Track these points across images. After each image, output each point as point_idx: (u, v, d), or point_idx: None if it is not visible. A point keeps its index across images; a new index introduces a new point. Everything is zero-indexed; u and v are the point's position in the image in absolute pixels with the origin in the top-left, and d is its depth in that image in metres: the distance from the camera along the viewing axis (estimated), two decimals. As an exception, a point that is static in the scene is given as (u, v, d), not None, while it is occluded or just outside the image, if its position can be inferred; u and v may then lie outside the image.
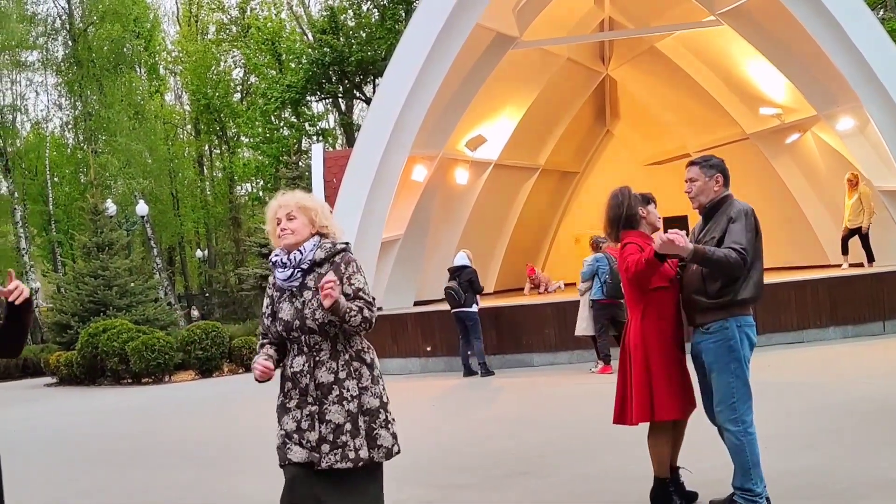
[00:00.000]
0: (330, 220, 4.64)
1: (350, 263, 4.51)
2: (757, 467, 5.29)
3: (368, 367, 4.48)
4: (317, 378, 4.37)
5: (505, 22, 19.41)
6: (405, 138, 17.76)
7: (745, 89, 21.09)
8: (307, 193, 4.72)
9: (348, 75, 40.24)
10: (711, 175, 5.56)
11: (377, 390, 4.47)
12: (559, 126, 25.23)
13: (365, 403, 4.40)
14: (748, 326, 5.36)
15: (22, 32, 42.37)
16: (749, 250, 5.21)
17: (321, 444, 4.29)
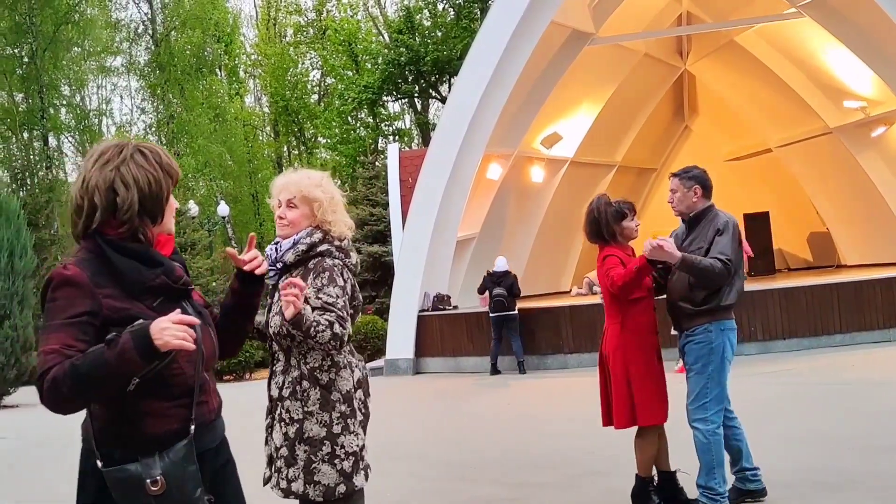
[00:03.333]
0: (337, 214, 4.03)
1: (325, 272, 3.85)
2: (721, 467, 5.44)
3: (323, 389, 3.84)
4: (270, 390, 3.98)
5: (580, 18, 19.29)
6: (480, 137, 17.77)
7: (828, 82, 20.61)
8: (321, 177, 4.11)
9: (424, 75, 40.36)
10: (690, 186, 5.73)
11: (325, 418, 3.83)
12: (636, 122, 24.99)
13: (306, 431, 3.83)
14: (730, 330, 5.52)
15: (106, 38, 43.45)
16: (734, 261, 5.39)
17: (271, 463, 3.96)
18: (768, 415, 9.21)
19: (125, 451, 2.56)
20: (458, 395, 14.10)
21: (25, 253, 19.82)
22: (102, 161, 2.66)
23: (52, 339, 2.47)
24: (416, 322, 17.63)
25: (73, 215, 2.70)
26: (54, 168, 41.33)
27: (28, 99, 39.89)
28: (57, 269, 2.56)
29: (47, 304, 2.53)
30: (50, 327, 2.49)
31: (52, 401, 2.44)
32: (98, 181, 2.63)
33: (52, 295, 2.53)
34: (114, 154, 2.67)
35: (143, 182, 2.65)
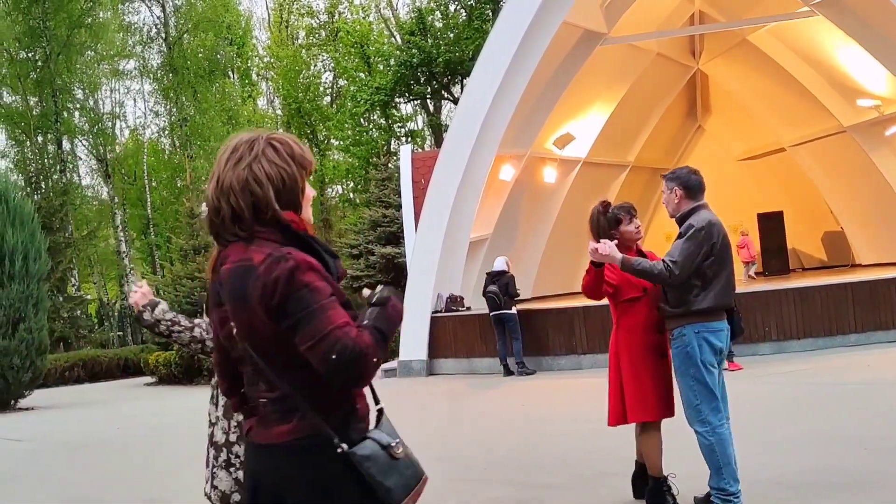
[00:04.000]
0: None
1: None
2: (728, 466, 5.43)
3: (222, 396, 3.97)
4: None
5: (592, 19, 19.26)
6: (492, 137, 17.75)
7: (841, 81, 20.53)
8: None
9: (436, 76, 40.36)
10: (671, 188, 5.73)
11: (225, 425, 4.05)
12: (649, 122, 24.95)
13: (214, 435, 4.06)
14: (709, 332, 5.50)
15: (119, 42, 43.64)
16: (680, 262, 5.39)
17: None
18: (783, 415, 9.17)
19: (356, 431, 2.58)
20: (472, 396, 14.10)
21: (40, 256, 19.89)
22: (235, 159, 2.63)
23: (335, 315, 2.47)
24: (430, 323, 17.62)
25: (210, 216, 2.67)
26: (68, 171, 41.51)
27: (42, 102, 40.07)
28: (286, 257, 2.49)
29: (302, 290, 2.46)
30: (323, 306, 2.46)
31: (371, 365, 2.47)
32: (232, 181, 2.60)
33: (304, 280, 2.47)
34: (245, 151, 2.63)
35: (277, 179, 2.61)
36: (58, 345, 30.04)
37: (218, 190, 2.62)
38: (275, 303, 2.47)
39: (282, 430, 2.54)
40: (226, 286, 2.60)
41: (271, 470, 2.57)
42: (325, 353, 2.42)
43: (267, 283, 2.47)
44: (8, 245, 19.21)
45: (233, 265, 2.58)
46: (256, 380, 2.63)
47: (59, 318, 29.33)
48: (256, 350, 2.56)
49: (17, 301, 19.08)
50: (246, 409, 2.73)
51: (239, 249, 2.60)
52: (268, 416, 2.59)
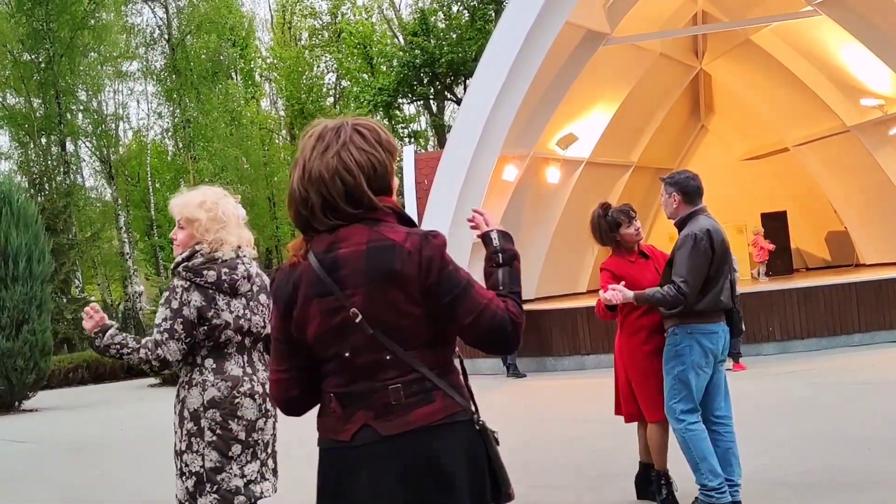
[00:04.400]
0: (222, 233, 4.13)
1: (166, 292, 4.05)
2: (705, 461, 5.48)
3: (181, 404, 4.03)
4: None
5: (595, 19, 19.24)
6: (495, 138, 17.74)
7: (845, 80, 20.50)
8: (212, 193, 4.21)
9: (439, 77, 40.40)
10: (669, 193, 5.77)
11: (180, 433, 4.02)
12: (652, 122, 24.93)
13: (175, 443, 4.05)
14: (702, 334, 5.53)
15: (122, 44, 43.70)
16: (690, 280, 5.42)
17: None
18: (787, 415, 9.17)
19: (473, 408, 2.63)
20: (475, 397, 14.07)
21: (43, 258, 19.91)
22: (322, 147, 2.57)
23: (481, 289, 2.54)
24: (433, 324, 17.59)
25: (297, 206, 2.59)
26: (72, 173, 41.57)
27: (45, 104, 40.13)
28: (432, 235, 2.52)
29: (450, 267, 2.51)
30: (470, 283, 2.52)
31: (521, 332, 2.58)
32: (321, 170, 2.54)
33: (449, 258, 2.52)
34: (332, 138, 2.57)
35: (367, 166, 2.56)
36: (61, 346, 30.06)
37: (305, 180, 2.56)
38: (431, 281, 2.47)
39: (426, 411, 2.49)
40: (355, 269, 2.50)
41: (417, 456, 2.47)
42: (488, 325, 2.49)
43: (422, 262, 2.46)
44: (12, 247, 19.22)
45: (362, 246, 2.51)
46: (376, 371, 2.51)
47: (63, 320, 29.33)
48: (390, 334, 2.49)
49: (20, 303, 19.09)
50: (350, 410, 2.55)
51: (359, 231, 2.53)
52: (401, 402, 2.49)
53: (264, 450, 4.16)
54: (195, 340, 3.97)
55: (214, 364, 3.99)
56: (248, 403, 4.04)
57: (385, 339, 2.48)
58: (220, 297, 4.02)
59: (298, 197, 2.58)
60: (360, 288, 2.49)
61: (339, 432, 2.56)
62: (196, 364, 3.99)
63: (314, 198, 2.53)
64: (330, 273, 2.51)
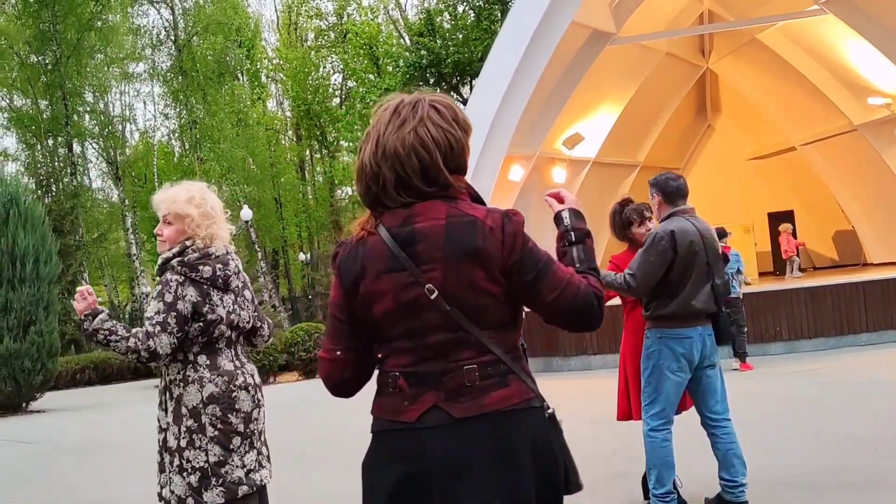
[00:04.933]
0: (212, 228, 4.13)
1: (159, 286, 4.02)
2: (655, 469, 5.55)
3: (175, 402, 3.99)
4: None
5: (601, 18, 19.23)
6: (502, 138, 17.74)
7: (851, 79, 20.45)
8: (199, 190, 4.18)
9: (445, 77, 40.38)
10: (652, 193, 5.79)
11: (175, 430, 3.96)
12: (659, 122, 24.91)
13: (167, 440, 4.00)
14: (670, 339, 5.49)
15: (129, 45, 43.80)
16: (638, 275, 5.45)
17: None
18: (793, 415, 9.14)
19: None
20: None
21: (50, 259, 19.95)
22: (398, 122, 2.47)
23: (561, 266, 2.49)
24: (440, 324, 17.58)
25: (367, 181, 2.49)
26: (79, 174, 41.65)
27: (52, 106, 40.23)
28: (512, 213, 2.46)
29: (531, 244, 2.46)
30: (550, 259, 2.47)
31: (603, 308, 2.50)
32: (396, 146, 2.45)
33: (528, 235, 2.47)
34: (409, 114, 2.47)
35: (444, 143, 2.47)
36: (69, 347, 30.15)
37: (378, 155, 2.46)
38: (514, 258, 2.41)
39: (502, 394, 2.41)
40: (434, 244, 2.41)
41: (492, 439, 2.39)
42: (571, 301, 2.43)
43: (504, 239, 2.40)
44: (19, 248, 19.27)
45: (442, 221, 2.43)
46: (449, 350, 2.42)
47: (70, 321, 29.38)
48: (467, 313, 2.41)
49: (28, 304, 19.13)
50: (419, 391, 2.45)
51: (437, 206, 2.45)
52: (476, 383, 2.40)
53: (259, 438, 4.20)
54: (186, 336, 3.96)
55: (208, 360, 4.00)
56: (243, 396, 4.08)
57: (461, 317, 2.41)
58: (214, 293, 4.02)
59: (370, 172, 2.48)
60: (437, 263, 2.41)
61: (402, 413, 2.46)
62: (189, 361, 3.98)
63: (387, 174, 2.45)
64: (404, 248, 2.43)
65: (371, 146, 2.48)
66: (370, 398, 2.57)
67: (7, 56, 39.30)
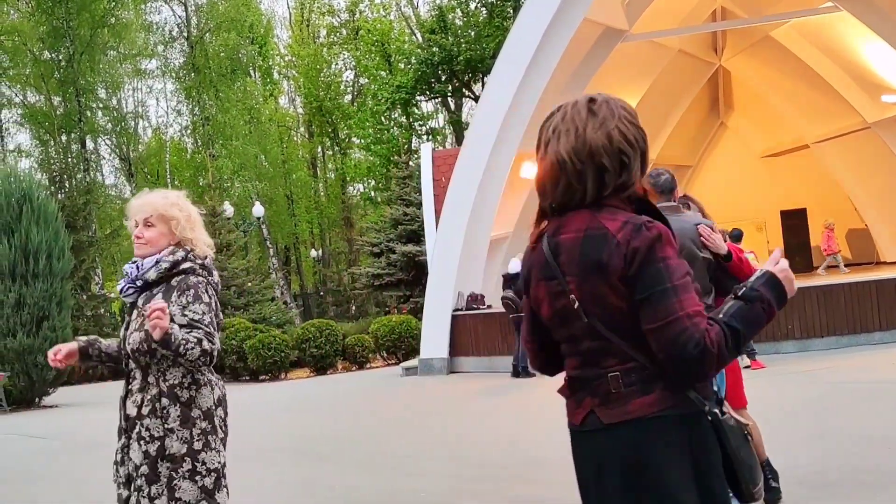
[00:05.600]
0: (196, 232, 4.05)
1: (190, 290, 3.86)
2: None
3: (183, 406, 3.84)
4: (126, 408, 3.93)
5: (614, 15, 19.18)
6: (513, 135, 17.72)
7: (865, 77, 20.38)
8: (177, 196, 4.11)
9: (457, 74, 40.39)
10: None
11: (186, 434, 3.82)
12: (671, 119, 24.85)
13: (168, 447, 3.80)
14: None
15: (142, 42, 43.92)
16: None
17: (129, 483, 3.86)
18: (806, 413, 9.11)
19: (710, 403, 2.41)
20: (493, 395, 14.08)
21: (63, 255, 20.03)
22: (599, 119, 2.43)
23: (688, 300, 2.30)
24: (451, 321, 17.61)
25: (569, 179, 2.44)
26: (91, 170, 41.81)
27: (65, 102, 40.36)
28: (647, 226, 2.35)
29: (659, 264, 2.32)
30: (676, 287, 2.30)
31: (713, 365, 2.28)
32: (602, 141, 2.41)
33: (662, 253, 2.33)
34: (607, 112, 2.44)
35: (641, 142, 2.46)
36: (82, 343, 30.26)
37: (584, 153, 2.42)
38: (632, 273, 2.33)
39: (644, 401, 2.37)
40: (571, 257, 2.44)
41: (627, 448, 2.38)
42: (667, 341, 2.28)
43: (627, 253, 2.33)
44: (32, 244, 19.36)
45: (581, 234, 2.43)
46: (599, 357, 2.44)
47: (83, 317, 29.53)
48: (606, 323, 2.40)
49: (41, 299, 19.22)
50: (580, 395, 2.51)
51: (582, 217, 2.44)
52: (620, 390, 2.39)
53: None
54: None
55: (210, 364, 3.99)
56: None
57: (601, 326, 2.41)
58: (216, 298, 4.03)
59: (572, 169, 2.44)
60: (574, 276, 2.44)
61: (572, 415, 2.57)
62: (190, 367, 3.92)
63: (590, 171, 2.43)
64: (555, 257, 2.48)
65: (571, 143, 2.45)
66: (372, 398, 2.58)
67: (21, 53, 39.45)
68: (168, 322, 3.59)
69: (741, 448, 2.43)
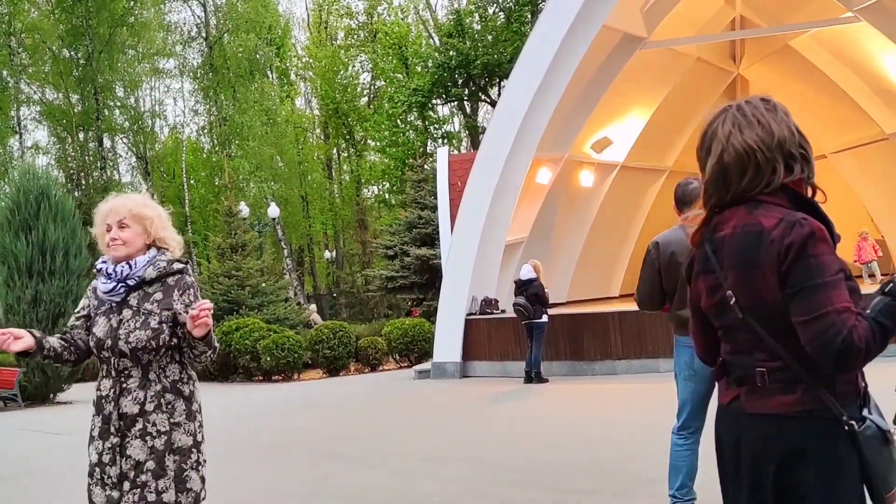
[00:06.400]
0: (168, 230, 4.12)
1: (189, 289, 3.98)
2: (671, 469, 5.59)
3: (186, 401, 3.95)
4: (121, 407, 3.87)
5: (632, 22, 19.19)
6: (530, 141, 17.74)
7: (884, 87, 20.30)
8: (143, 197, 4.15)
9: (474, 78, 40.43)
10: None
11: (191, 427, 3.94)
12: (688, 127, 24.79)
13: (175, 441, 3.88)
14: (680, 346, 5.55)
15: (160, 41, 44.15)
16: (639, 286, 5.61)
17: (122, 482, 3.83)
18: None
19: (856, 409, 2.48)
20: (506, 400, 14.09)
21: (80, 252, 20.16)
22: (778, 114, 2.57)
23: (838, 296, 2.36)
24: (464, 326, 17.63)
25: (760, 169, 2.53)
26: (108, 168, 42.08)
27: (83, 100, 40.62)
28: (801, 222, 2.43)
29: (810, 260, 2.39)
30: (827, 283, 2.36)
31: (859, 360, 2.36)
32: (785, 134, 2.53)
33: (815, 250, 2.40)
34: (782, 110, 2.59)
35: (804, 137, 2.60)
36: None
37: (772, 141, 2.53)
38: (784, 269, 2.41)
39: (784, 400, 2.47)
40: (728, 252, 2.56)
41: (763, 439, 2.50)
42: (815, 334, 2.34)
43: (781, 249, 2.41)
44: (49, 241, 19.50)
45: (737, 230, 2.54)
46: (752, 349, 2.54)
47: (98, 314, 29.65)
48: (758, 318, 2.49)
49: (57, 296, 19.35)
50: (731, 379, 2.63)
51: (740, 214, 2.55)
52: (765, 385, 2.50)
53: None
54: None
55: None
56: None
57: (754, 322, 2.51)
58: None
59: (762, 158, 2.53)
60: (730, 272, 2.56)
61: (723, 395, 2.69)
62: (184, 362, 4.03)
63: (780, 158, 2.54)
64: (714, 252, 2.62)
65: (757, 133, 2.55)
66: (385, 401, 2.61)
67: (40, 50, 39.74)
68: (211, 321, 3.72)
69: (877, 455, 2.45)
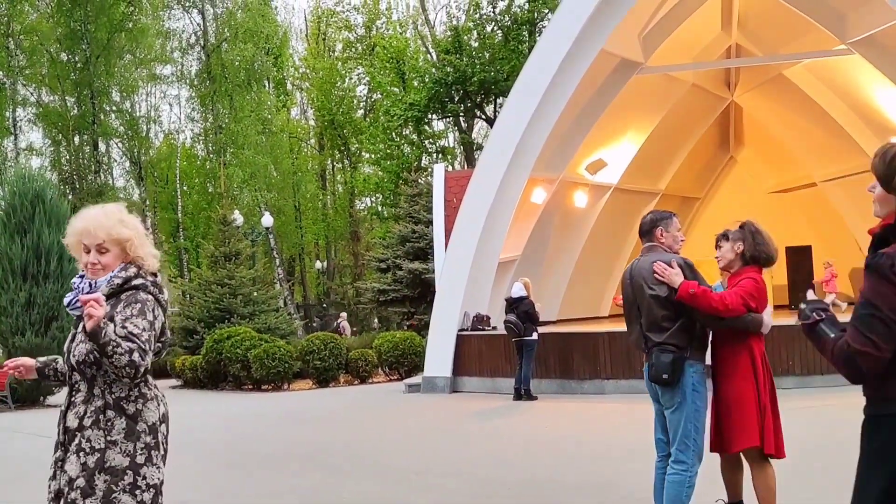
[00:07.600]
0: (145, 247, 4.00)
1: (136, 304, 3.81)
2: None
3: (129, 419, 3.77)
4: (66, 421, 3.83)
5: (630, 48, 19.43)
6: (527, 160, 17.92)
7: (875, 119, 20.60)
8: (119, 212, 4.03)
9: (470, 95, 40.62)
10: None
11: (129, 448, 3.74)
12: (681, 151, 25.08)
13: (108, 460, 3.71)
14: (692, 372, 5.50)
15: (158, 47, 44.25)
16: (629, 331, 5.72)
17: (58, 497, 3.77)
18: (807, 452, 9.24)
19: None
20: (496, 416, 14.21)
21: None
22: None
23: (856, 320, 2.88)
24: (456, 341, 17.76)
25: None
26: (103, 173, 42.08)
27: (80, 104, 40.65)
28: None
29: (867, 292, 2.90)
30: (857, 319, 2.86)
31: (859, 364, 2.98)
32: None
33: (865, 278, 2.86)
34: None
35: None
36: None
37: None
38: None
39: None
40: None
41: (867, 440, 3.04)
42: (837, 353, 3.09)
43: None
44: (44, 245, 19.57)
45: None
46: None
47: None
48: None
49: (50, 300, 19.41)
50: None
51: None
52: None
53: None
54: None
55: (152, 379, 3.99)
56: None
57: None
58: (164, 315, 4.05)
59: None
60: None
61: None
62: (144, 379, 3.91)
63: None
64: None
65: None
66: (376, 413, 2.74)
67: (38, 52, 39.79)
68: (102, 314, 3.55)
69: None
